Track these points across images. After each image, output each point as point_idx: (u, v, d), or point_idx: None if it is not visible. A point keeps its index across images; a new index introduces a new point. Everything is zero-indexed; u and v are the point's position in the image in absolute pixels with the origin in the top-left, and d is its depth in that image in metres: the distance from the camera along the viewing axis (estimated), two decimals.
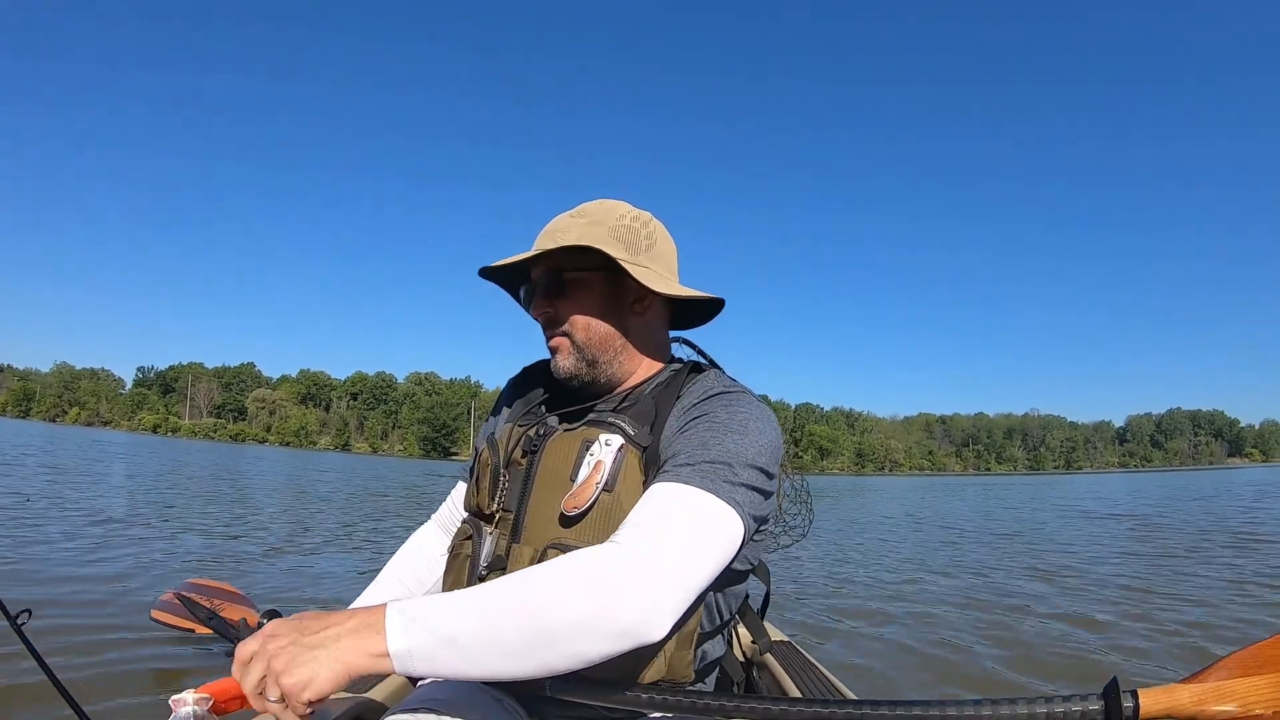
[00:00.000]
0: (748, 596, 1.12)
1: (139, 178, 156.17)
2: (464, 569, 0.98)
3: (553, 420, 1.02)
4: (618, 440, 0.93)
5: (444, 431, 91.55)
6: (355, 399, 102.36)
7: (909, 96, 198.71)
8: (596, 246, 0.95)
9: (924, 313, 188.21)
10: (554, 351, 1.02)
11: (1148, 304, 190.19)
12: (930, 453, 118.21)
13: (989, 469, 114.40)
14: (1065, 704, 0.63)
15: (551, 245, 0.97)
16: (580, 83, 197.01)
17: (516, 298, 1.11)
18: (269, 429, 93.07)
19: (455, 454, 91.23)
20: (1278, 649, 0.63)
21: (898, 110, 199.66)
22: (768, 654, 1.49)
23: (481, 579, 0.95)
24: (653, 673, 0.86)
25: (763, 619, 1.30)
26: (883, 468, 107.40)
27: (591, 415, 1.00)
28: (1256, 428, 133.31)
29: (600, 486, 0.89)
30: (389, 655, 0.68)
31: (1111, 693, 0.64)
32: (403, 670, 0.69)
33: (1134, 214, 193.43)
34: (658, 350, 1.06)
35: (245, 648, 0.69)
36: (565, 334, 1.01)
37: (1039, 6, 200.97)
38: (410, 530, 1.24)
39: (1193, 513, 14.56)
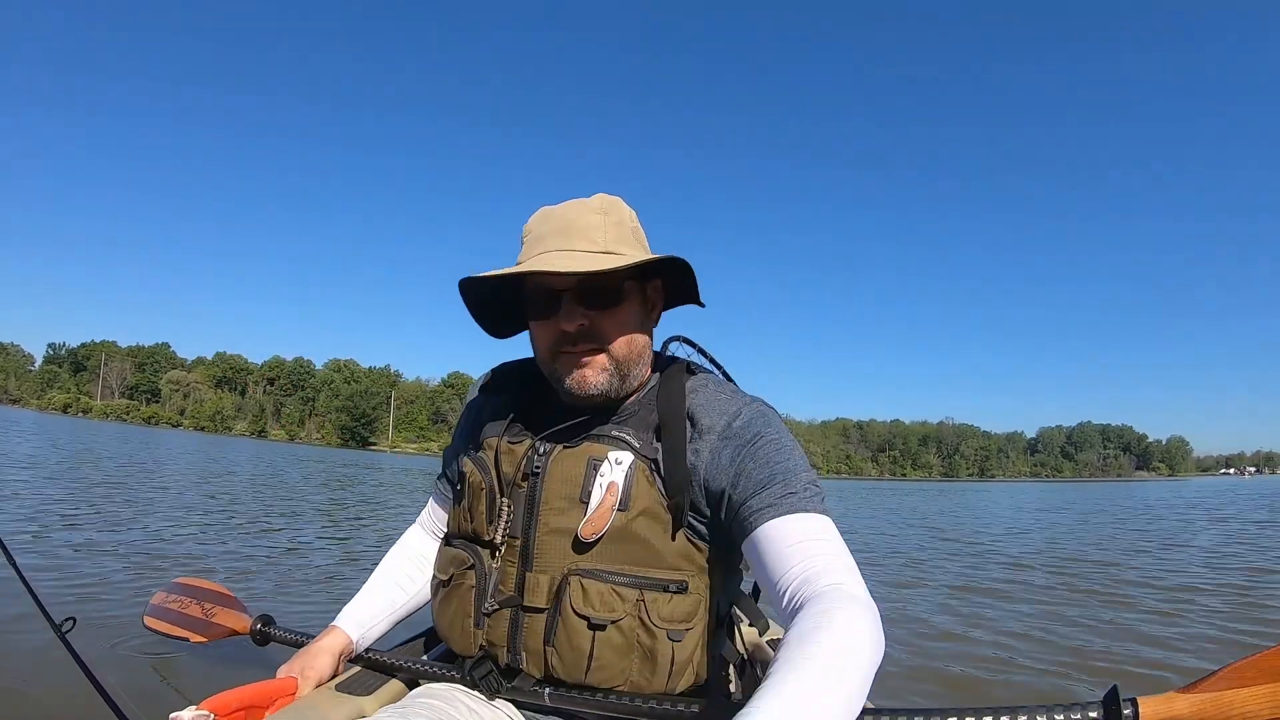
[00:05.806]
0: (740, 582, 1.13)
1: (53, 146, 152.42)
2: (468, 599, 0.94)
3: (549, 436, 0.95)
4: (628, 457, 0.90)
5: (363, 421, 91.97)
6: (272, 384, 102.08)
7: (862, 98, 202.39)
8: (683, 259, 0.90)
9: (842, 318, 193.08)
10: (581, 366, 0.93)
11: (1061, 320, 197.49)
12: (848, 457, 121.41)
13: (905, 474, 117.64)
14: (1065, 712, 0.65)
15: (618, 253, 0.91)
16: (530, 69, 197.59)
17: (494, 303, 1.01)
18: (183, 412, 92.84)
19: (374, 444, 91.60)
20: (1275, 660, 0.65)
21: (834, 110, 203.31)
22: (767, 647, 1.46)
23: (490, 613, 0.93)
24: (670, 678, 0.87)
25: (756, 602, 1.35)
26: None
27: (588, 430, 0.94)
28: (1163, 443, 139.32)
29: (615, 509, 0.87)
30: None
31: (1111, 701, 0.65)
32: None
33: (1051, 229, 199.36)
34: (652, 355, 1.03)
35: None
36: (603, 349, 0.92)
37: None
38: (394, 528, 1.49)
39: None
